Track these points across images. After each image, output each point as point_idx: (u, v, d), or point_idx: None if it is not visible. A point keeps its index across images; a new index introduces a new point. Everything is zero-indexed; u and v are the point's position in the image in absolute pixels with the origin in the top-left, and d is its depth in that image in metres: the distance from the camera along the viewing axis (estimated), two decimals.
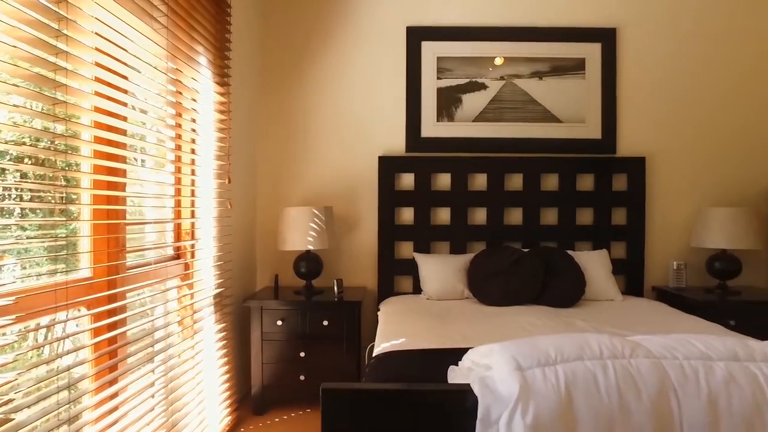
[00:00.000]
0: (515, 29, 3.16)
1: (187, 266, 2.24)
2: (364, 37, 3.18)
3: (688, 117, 3.21)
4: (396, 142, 3.18)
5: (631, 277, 3.13)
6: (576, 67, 3.18)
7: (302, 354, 2.71)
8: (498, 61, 3.17)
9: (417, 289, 3.03)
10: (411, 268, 3.07)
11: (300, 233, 2.82)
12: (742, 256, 3.02)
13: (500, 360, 1.05)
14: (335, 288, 2.88)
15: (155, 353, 1.85)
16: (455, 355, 1.38)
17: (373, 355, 1.98)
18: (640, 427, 0.94)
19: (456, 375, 1.31)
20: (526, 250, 2.87)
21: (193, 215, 2.31)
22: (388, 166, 3.09)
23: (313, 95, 3.19)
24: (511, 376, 1.00)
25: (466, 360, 1.29)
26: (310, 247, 2.83)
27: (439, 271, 2.87)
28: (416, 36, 3.16)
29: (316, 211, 2.84)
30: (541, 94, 3.17)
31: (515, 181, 3.13)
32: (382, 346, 2.01)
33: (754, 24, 3.22)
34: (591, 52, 3.19)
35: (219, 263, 2.49)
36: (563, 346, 1.04)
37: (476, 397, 1.01)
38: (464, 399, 1.08)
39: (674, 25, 3.20)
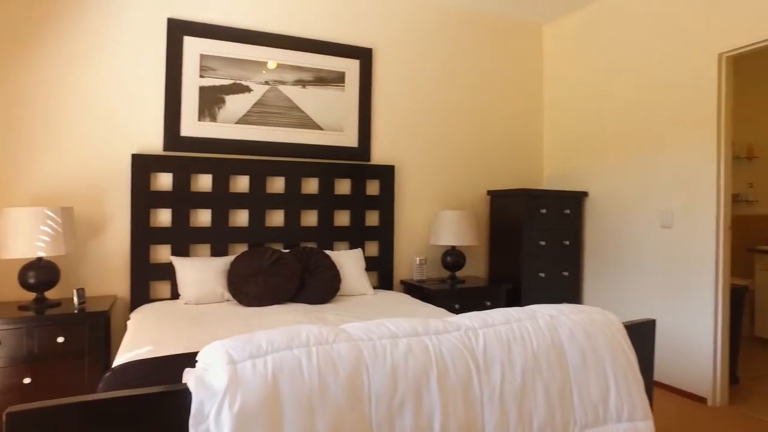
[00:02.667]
0: (282, 37, 3.25)
1: None
2: (120, 22, 2.89)
3: (428, 131, 3.76)
4: (152, 140, 2.98)
5: (383, 273, 3.51)
6: (337, 79, 3.43)
7: (27, 380, 2.34)
8: (271, 65, 3.23)
9: (176, 295, 2.89)
10: (168, 273, 2.91)
11: (26, 238, 2.42)
12: (466, 251, 3.67)
13: (216, 356, 1.09)
14: (75, 299, 2.56)
15: None
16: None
17: (112, 366, 1.83)
18: (336, 400, 1.08)
19: (190, 377, 1.30)
20: (287, 250, 2.98)
21: None
22: (143, 165, 2.87)
23: (53, 81, 2.77)
24: (223, 369, 1.05)
25: (200, 361, 1.30)
26: (41, 254, 2.46)
27: (199, 274, 2.79)
28: (178, 29, 3.01)
29: (49, 212, 2.48)
30: (304, 102, 3.33)
31: (277, 184, 3.23)
32: (123, 356, 1.87)
33: (475, 53, 3.93)
34: (351, 67, 3.48)
35: None
36: (275, 337, 1.13)
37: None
38: (182, 399, 1.09)
39: (418, 50, 3.71)
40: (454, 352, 1.25)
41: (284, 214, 3.21)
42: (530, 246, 3.60)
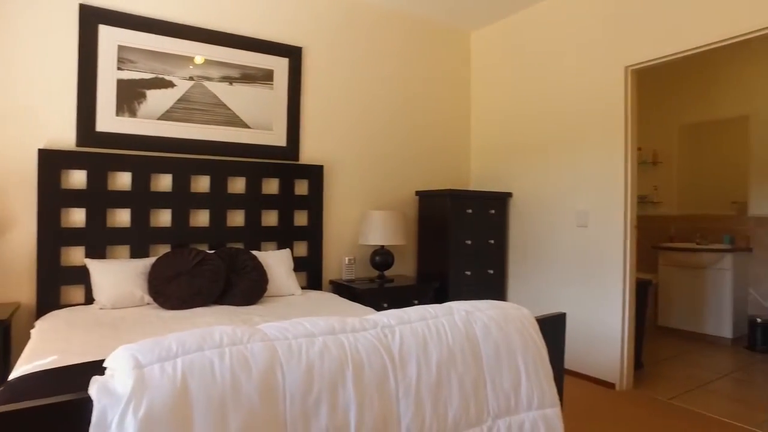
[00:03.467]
0: (208, 32, 3.16)
1: None
2: (26, 7, 2.69)
3: (358, 132, 3.78)
4: (63, 135, 2.79)
5: (312, 273, 3.49)
6: (265, 77, 3.38)
7: None
8: (199, 59, 3.12)
9: (90, 299, 2.73)
10: (82, 276, 2.74)
11: None
12: (395, 250, 3.73)
13: (122, 361, 1.05)
14: None
15: None
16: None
17: (8, 380, 1.70)
18: (248, 399, 1.07)
19: (93, 385, 1.24)
20: (212, 251, 2.90)
21: None
22: (53, 161, 2.69)
23: None
24: (128, 374, 1.01)
25: (107, 367, 1.24)
26: None
27: (116, 277, 2.65)
28: (92, 16, 2.84)
29: None
30: (231, 99, 3.25)
31: (202, 183, 3.13)
32: (22, 368, 1.74)
33: (405, 56, 4.00)
34: (280, 65, 3.44)
35: None
36: (186, 339, 1.10)
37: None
38: (84, 409, 1.04)
39: (349, 50, 3.73)
40: (370, 349, 1.28)
41: (209, 214, 3.12)
42: (457, 245, 3.72)
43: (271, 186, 3.38)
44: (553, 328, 1.83)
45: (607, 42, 3.33)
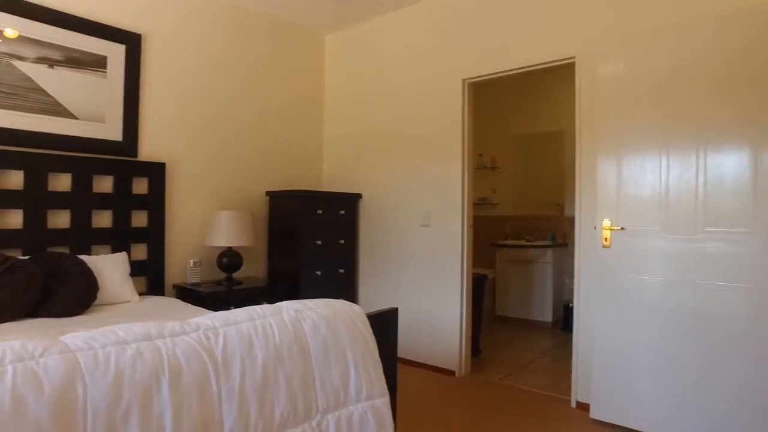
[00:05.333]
0: (23, 3, 2.77)
1: None
2: None
3: (205, 129, 3.62)
4: None
5: (153, 277, 3.26)
6: (97, 63, 3.07)
7: None
8: (10, 32, 2.71)
9: None
10: None
11: None
12: (244, 252, 3.64)
13: None
14: None
15: None
16: None
17: None
18: (36, 421, 0.97)
19: None
20: (25, 257, 2.56)
21: None
22: None
23: None
24: None
25: None
26: None
27: None
28: None
29: None
30: (51, 85, 2.90)
31: (14, 179, 2.75)
32: None
33: (257, 53, 3.92)
34: (114, 52, 3.14)
35: None
36: None
37: None
38: None
39: (196, 43, 3.54)
40: (190, 353, 1.24)
41: (23, 214, 2.74)
42: (307, 245, 3.74)
43: (104, 184, 3.08)
44: (385, 322, 1.94)
45: (447, 55, 3.61)
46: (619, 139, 2.74)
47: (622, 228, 2.72)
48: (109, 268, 2.85)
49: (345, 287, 4.03)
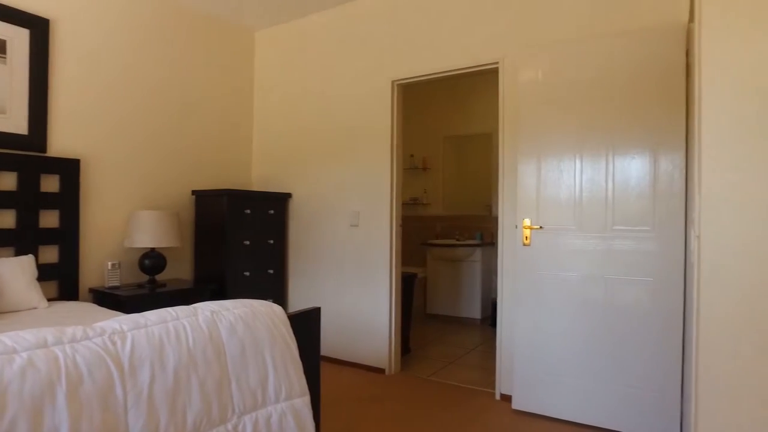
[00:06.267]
0: None
1: None
2: None
3: (126, 124, 3.44)
4: None
5: (65, 281, 3.05)
6: None
7: None
8: None
9: None
10: None
11: None
12: (169, 253, 3.49)
13: None
14: None
15: None
16: None
17: None
18: None
19: None
20: None
21: None
22: None
23: None
24: None
25: None
26: None
27: None
28: None
29: None
30: None
31: None
32: None
33: (183, 47, 3.78)
34: (18, 37, 2.92)
35: None
36: None
37: None
38: None
39: (115, 33, 3.35)
40: (92, 359, 1.17)
41: None
42: (235, 246, 3.65)
43: (6, 181, 2.85)
44: (307, 322, 1.92)
45: (377, 56, 3.64)
46: (538, 142, 2.87)
47: (540, 227, 2.86)
48: (12, 272, 2.64)
49: (274, 287, 3.96)
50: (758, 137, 1.65)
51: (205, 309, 1.52)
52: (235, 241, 3.65)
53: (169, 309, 1.46)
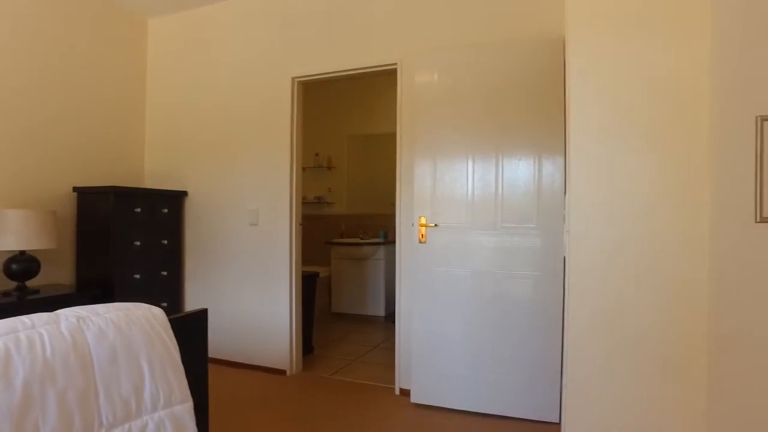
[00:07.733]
0: None
1: None
2: None
3: None
4: None
5: None
6: None
7: None
8: None
9: None
10: None
11: None
12: (42, 256, 3.17)
13: None
14: None
15: None
16: None
17: None
18: None
19: None
20: None
21: None
22: None
23: None
24: None
25: None
26: None
27: None
28: None
29: None
30: None
31: None
32: None
33: (63, 31, 3.44)
34: None
35: None
36: None
37: None
38: None
39: None
40: None
41: None
42: (123, 247, 3.40)
43: None
44: (192, 324, 1.84)
45: (277, 52, 3.57)
46: (434, 142, 2.97)
47: (436, 225, 2.96)
48: None
49: (169, 290, 3.75)
50: (617, 146, 1.82)
51: (70, 315, 1.39)
52: (124, 242, 3.40)
53: (23, 317, 1.32)
